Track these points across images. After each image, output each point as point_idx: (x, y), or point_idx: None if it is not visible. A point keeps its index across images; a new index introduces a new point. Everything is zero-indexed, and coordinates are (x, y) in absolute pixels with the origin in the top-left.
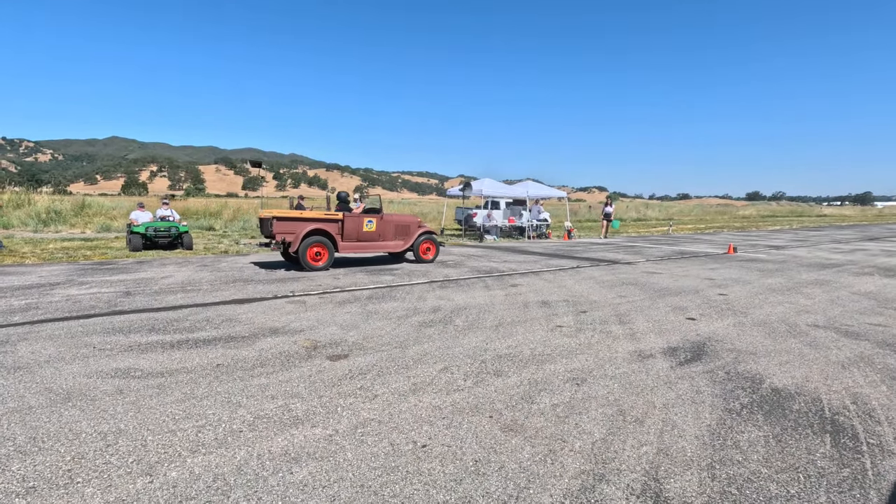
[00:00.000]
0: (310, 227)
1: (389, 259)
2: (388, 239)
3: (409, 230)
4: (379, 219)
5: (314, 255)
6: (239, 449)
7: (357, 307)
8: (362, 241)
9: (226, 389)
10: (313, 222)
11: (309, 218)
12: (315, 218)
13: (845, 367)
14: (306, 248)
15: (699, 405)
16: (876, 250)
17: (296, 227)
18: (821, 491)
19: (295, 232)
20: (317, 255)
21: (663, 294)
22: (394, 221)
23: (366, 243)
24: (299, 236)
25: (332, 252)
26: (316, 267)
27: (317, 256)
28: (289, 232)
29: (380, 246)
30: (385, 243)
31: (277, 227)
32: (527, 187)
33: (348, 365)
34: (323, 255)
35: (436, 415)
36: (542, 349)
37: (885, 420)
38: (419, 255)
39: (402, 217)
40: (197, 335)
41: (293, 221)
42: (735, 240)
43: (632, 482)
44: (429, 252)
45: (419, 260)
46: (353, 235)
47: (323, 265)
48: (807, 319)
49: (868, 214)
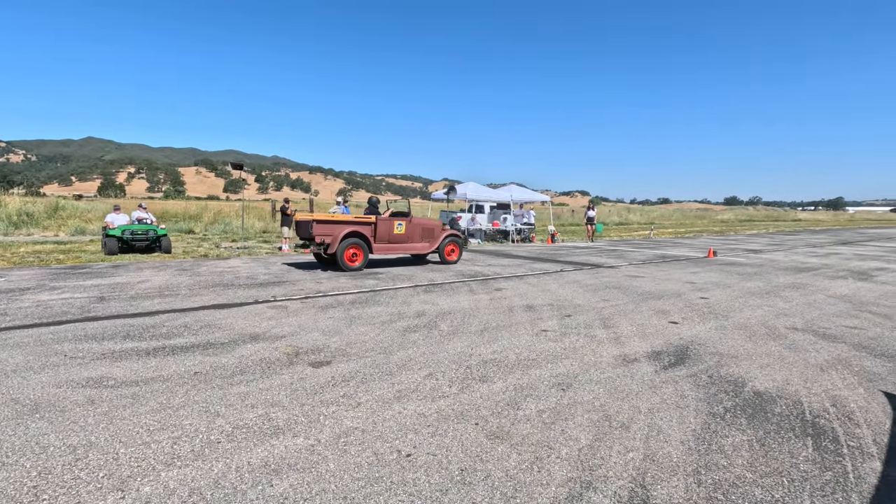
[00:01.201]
0: (347, 229)
1: (386, 262)
2: (415, 241)
3: (434, 233)
4: (408, 222)
5: (350, 255)
6: (216, 461)
7: (340, 312)
8: (393, 243)
9: (204, 398)
10: (350, 225)
11: (346, 221)
12: (351, 221)
13: (824, 370)
14: (344, 249)
15: (684, 409)
16: (849, 254)
17: (333, 230)
18: (805, 495)
19: (333, 234)
20: (353, 255)
21: (646, 298)
22: (421, 224)
23: (396, 245)
24: (337, 238)
25: (367, 253)
26: (352, 267)
27: (353, 257)
28: (327, 234)
29: (409, 248)
30: (413, 245)
31: (317, 229)
32: (511, 191)
33: (331, 372)
34: (359, 255)
35: (421, 422)
36: (527, 354)
37: (863, 422)
38: (444, 257)
39: (427, 221)
40: (174, 342)
41: (331, 224)
42: (714, 244)
43: (619, 489)
44: (453, 254)
45: (444, 261)
46: (384, 237)
47: (359, 265)
48: (785, 322)
49: (840, 219)
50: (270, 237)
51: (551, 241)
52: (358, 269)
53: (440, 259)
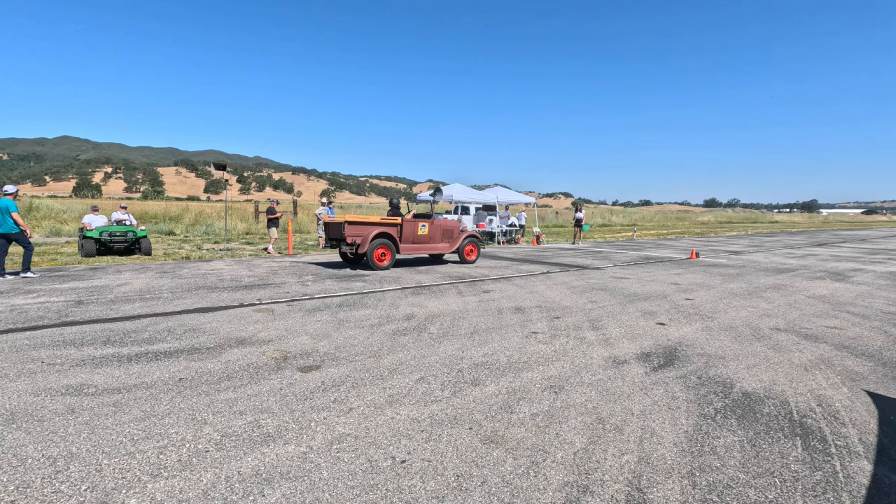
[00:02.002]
0: (376, 230)
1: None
2: (437, 241)
3: (454, 234)
4: (430, 223)
5: (380, 255)
6: (205, 471)
7: (328, 315)
8: (417, 243)
9: (190, 406)
10: (379, 226)
11: (375, 222)
12: (379, 222)
13: (808, 370)
14: (374, 249)
15: (675, 411)
16: (826, 255)
17: (364, 231)
18: (797, 495)
19: (363, 235)
20: (381, 255)
21: (633, 299)
22: (441, 226)
23: (420, 245)
24: (367, 239)
25: (395, 253)
26: (381, 266)
27: (381, 257)
28: (358, 235)
29: (431, 248)
30: (435, 245)
31: (349, 230)
32: (496, 193)
33: (321, 376)
34: (387, 255)
35: (414, 428)
36: (518, 357)
37: (849, 422)
38: (463, 257)
39: (447, 222)
40: (157, 347)
41: (362, 225)
42: (696, 245)
43: (616, 493)
44: (472, 253)
45: (463, 261)
46: (409, 238)
47: (387, 264)
48: (769, 323)
49: (815, 221)
50: (254, 239)
51: (536, 243)
52: (386, 268)
53: (459, 259)
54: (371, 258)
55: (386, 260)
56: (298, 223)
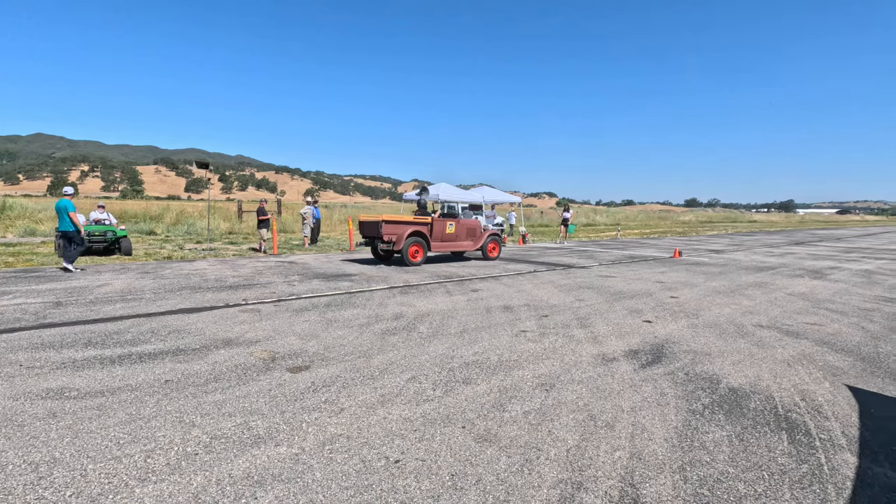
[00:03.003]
0: (410, 229)
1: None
2: (462, 239)
3: (476, 232)
4: (457, 223)
5: (413, 252)
6: (195, 474)
7: (315, 315)
8: (445, 241)
9: (177, 408)
10: (413, 225)
11: (408, 221)
12: (413, 221)
13: (791, 365)
14: (408, 246)
15: (664, 407)
16: (803, 254)
17: (399, 230)
18: (785, 488)
19: (398, 233)
20: (415, 252)
21: (619, 297)
22: (465, 225)
23: (448, 243)
24: (402, 237)
25: (426, 251)
26: (414, 262)
27: (415, 254)
28: (394, 233)
29: (458, 245)
30: (461, 243)
31: (386, 229)
32: (482, 192)
33: (310, 377)
34: (420, 252)
35: (407, 427)
36: (508, 355)
37: (832, 415)
38: (486, 254)
39: (470, 221)
40: (141, 349)
41: (398, 224)
42: (679, 244)
43: (609, 489)
44: (494, 251)
45: (486, 257)
46: (439, 237)
47: (420, 261)
48: (752, 320)
49: (792, 220)
50: (237, 238)
51: (522, 242)
52: (418, 264)
53: (483, 255)
54: (406, 255)
55: (419, 256)
56: (283, 223)
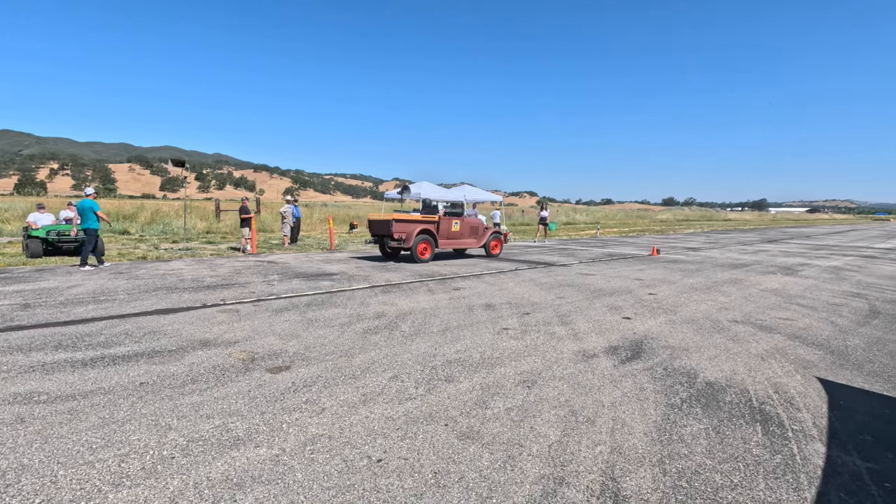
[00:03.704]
0: (419, 227)
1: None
2: (466, 237)
3: (479, 231)
4: (461, 221)
5: (422, 249)
6: (171, 478)
7: (296, 315)
8: (451, 238)
9: (152, 411)
10: (422, 224)
11: (417, 220)
12: (422, 220)
13: (764, 359)
14: (417, 243)
15: (644, 402)
16: (776, 251)
17: (408, 228)
18: (759, 478)
19: (408, 231)
20: (424, 249)
21: (599, 295)
22: (469, 223)
23: (454, 241)
24: (412, 235)
25: (434, 248)
26: (423, 259)
27: (424, 251)
28: (404, 231)
29: (462, 243)
30: (465, 240)
31: (396, 227)
32: (464, 191)
33: (291, 377)
34: (428, 249)
35: (389, 426)
36: (490, 353)
37: (803, 407)
38: (489, 251)
39: (473, 220)
40: (114, 351)
41: (407, 223)
42: (657, 242)
43: (591, 483)
44: (496, 248)
45: (489, 255)
46: (445, 234)
47: (428, 258)
48: (727, 316)
49: (765, 219)
50: (215, 238)
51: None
52: (426, 261)
53: (486, 253)
54: (415, 252)
55: (427, 253)
56: (262, 222)
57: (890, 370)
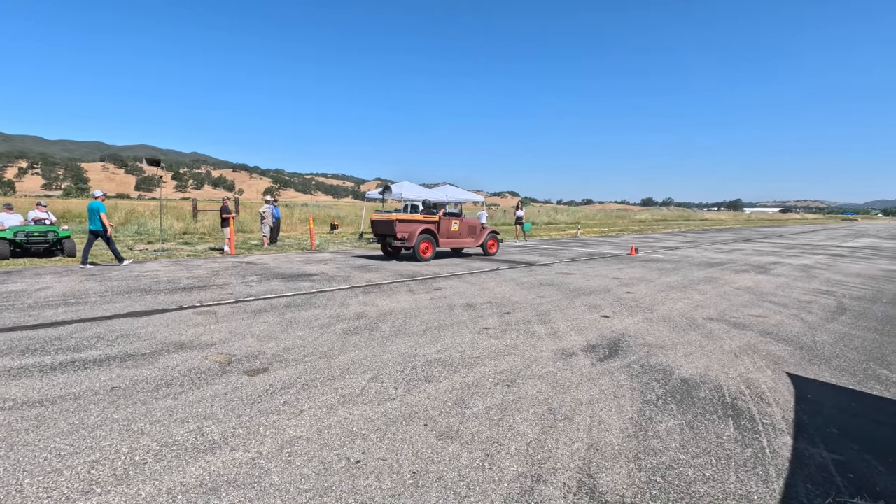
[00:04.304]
0: (422, 227)
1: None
2: (465, 237)
3: (477, 230)
4: (460, 221)
5: (424, 248)
6: (144, 484)
7: (274, 316)
8: (450, 238)
9: (124, 416)
10: (423, 223)
11: (420, 220)
12: (424, 220)
13: (737, 356)
14: (419, 242)
15: (621, 399)
16: (749, 250)
17: (411, 228)
18: (730, 471)
19: (411, 231)
20: (426, 248)
21: (578, 294)
22: (467, 223)
23: (453, 240)
24: (415, 234)
25: (435, 246)
26: (425, 258)
27: (426, 249)
28: (407, 231)
29: (461, 242)
30: (464, 240)
31: (399, 227)
32: (446, 191)
33: (269, 379)
34: (429, 248)
35: (368, 427)
36: (470, 352)
37: (773, 401)
38: (486, 250)
39: (471, 220)
40: (85, 355)
41: (410, 223)
42: (636, 242)
43: (567, 480)
44: (493, 247)
45: (486, 253)
46: (445, 234)
47: (429, 256)
48: (702, 313)
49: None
50: (192, 239)
51: None
52: (428, 259)
53: (483, 252)
54: (417, 251)
55: (429, 252)
56: (241, 222)
57: (856, 365)
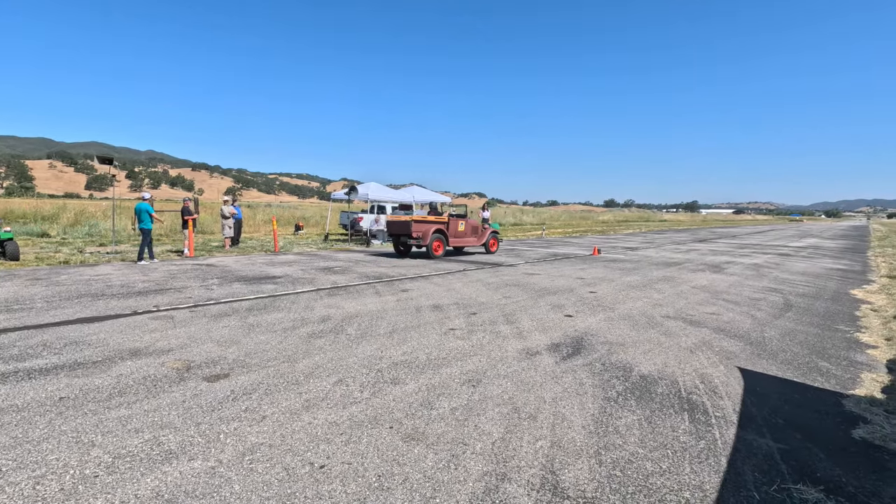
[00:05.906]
0: (434, 227)
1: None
2: (469, 236)
3: (478, 230)
4: (465, 222)
5: (436, 247)
6: (94, 498)
7: (236, 320)
8: (457, 237)
9: (73, 427)
10: (436, 224)
11: (432, 221)
12: (436, 221)
13: (693, 352)
14: (433, 241)
15: (583, 396)
16: (705, 250)
17: (424, 227)
18: (685, 463)
19: (425, 230)
20: (437, 247)
21: (543, 294)
22: (470, 224)
23: (459, 239)
24: (428, 233)
25: (446, 245)
26: (437, 255)
27: (437, 248)
28: (421, 230)
29: (466, 241)
30: (468, 239)
31: (415, 227)
32: (412, 192)
33: (230, 385)
34: (441, 247)
35: (333, 431)
36: (437, 353)
37: (725, 395)
38: (488, 249)
39: (473, 221)
40: (30, 364)
41: (424, 223)
42: (598, 242)
43: (531, 477)
44: (494, 245)
45: (487, 251)
46: (453, 233)
47: (441, 254)
48: (661, 312)
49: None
50: None
51: None
52: (440, 257)
53: (485, 250)
54: (430, 249)
55: (440, 250)
56: (201, 223)
57: (800, 358)
